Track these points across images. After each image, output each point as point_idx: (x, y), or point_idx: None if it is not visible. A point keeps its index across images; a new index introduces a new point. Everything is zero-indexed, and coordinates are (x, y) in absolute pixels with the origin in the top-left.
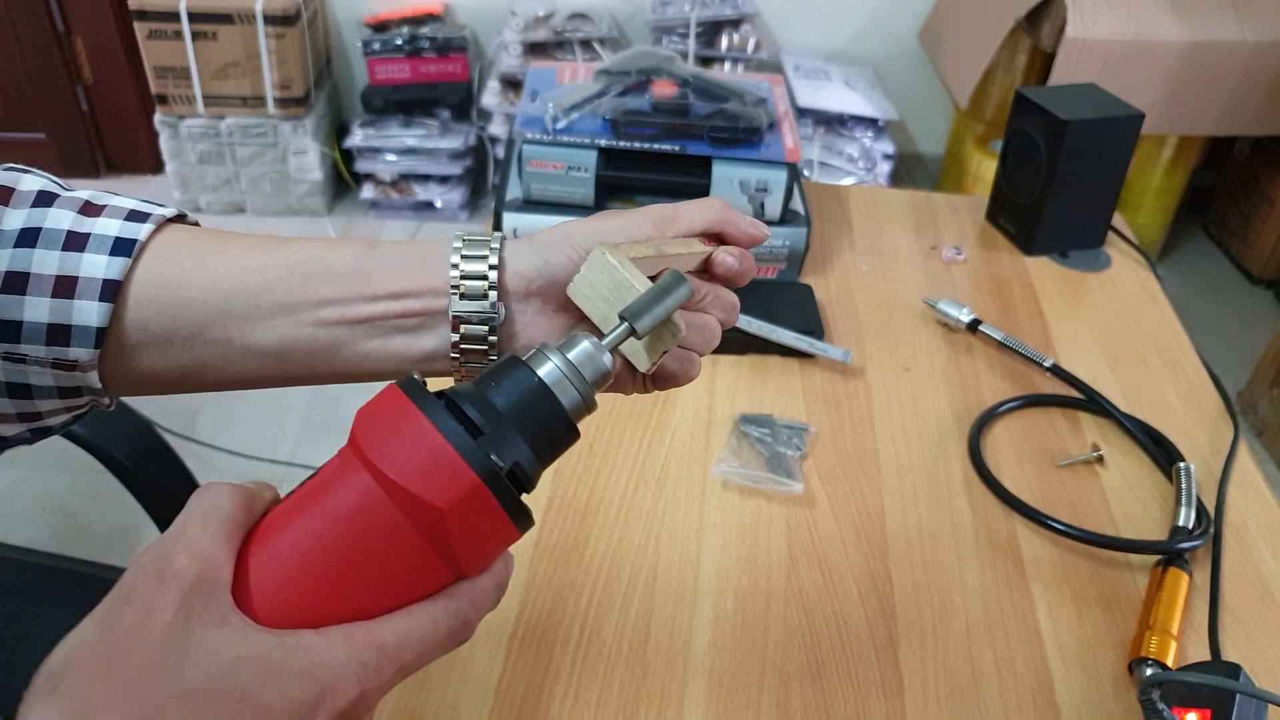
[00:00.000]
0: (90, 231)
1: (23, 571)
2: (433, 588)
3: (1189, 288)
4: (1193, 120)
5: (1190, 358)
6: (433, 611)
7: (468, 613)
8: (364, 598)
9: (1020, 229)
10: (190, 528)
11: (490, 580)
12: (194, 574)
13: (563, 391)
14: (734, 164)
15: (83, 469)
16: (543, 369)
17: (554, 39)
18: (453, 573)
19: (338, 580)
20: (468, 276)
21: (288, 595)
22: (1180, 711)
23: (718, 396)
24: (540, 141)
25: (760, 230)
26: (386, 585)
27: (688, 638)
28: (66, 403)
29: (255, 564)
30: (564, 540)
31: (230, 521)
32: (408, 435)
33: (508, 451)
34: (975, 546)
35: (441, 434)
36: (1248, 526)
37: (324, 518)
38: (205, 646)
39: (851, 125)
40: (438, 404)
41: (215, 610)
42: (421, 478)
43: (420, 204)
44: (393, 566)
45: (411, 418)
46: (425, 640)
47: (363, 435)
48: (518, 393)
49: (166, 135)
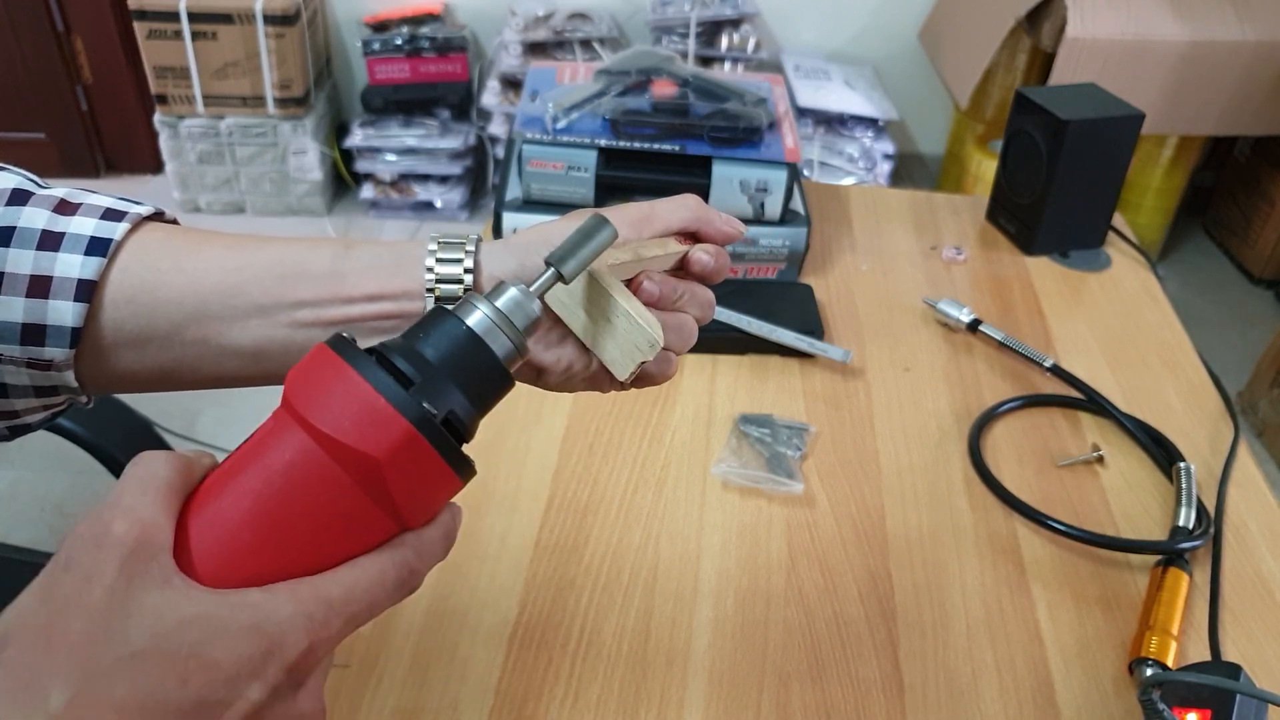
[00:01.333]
0: (65, 231)
1: (22, 571)
2: (377, 540)
3: (1189, 288)
4: (1193, 120)
5: (1190, 358)
6: (379, 562)
7: (414, 562)
8: (308, 554)
9: (1020, 229)
10: (127, 495)
11: (436, 530)
12: (133, 538)
13: (493, 339)
14: (734, 164)
15: (82, 469)
16: (471, 318)
17: (554, 39)
18: (397, 524)
19: (280, 537)
20: (443, 280)
21: (230, 555)
22: (1180, 712)
23: (718, 396)
24: (540, 141)
25: (736, 227)
26: (329, 540)
27: (688, 638)
28: (43, 401)
29: (195, 526)
30: (564, 540)
31: (167, 486)
32: (339, 389)
33: (441, 400)
34: (975, 546)
35: (372, 385)
36: (1248, 526)
37: (262, 476)
38: (148, 608)
39: (851, 125)
40: (367, 358)
41: (156, 573)
42: (355, 429)
43: (420, 204)
44: (334, 521)
45: (342, 372)
46: (372, 590)
47: (295, 394)
48: (447, 342)
49: (166, 135)
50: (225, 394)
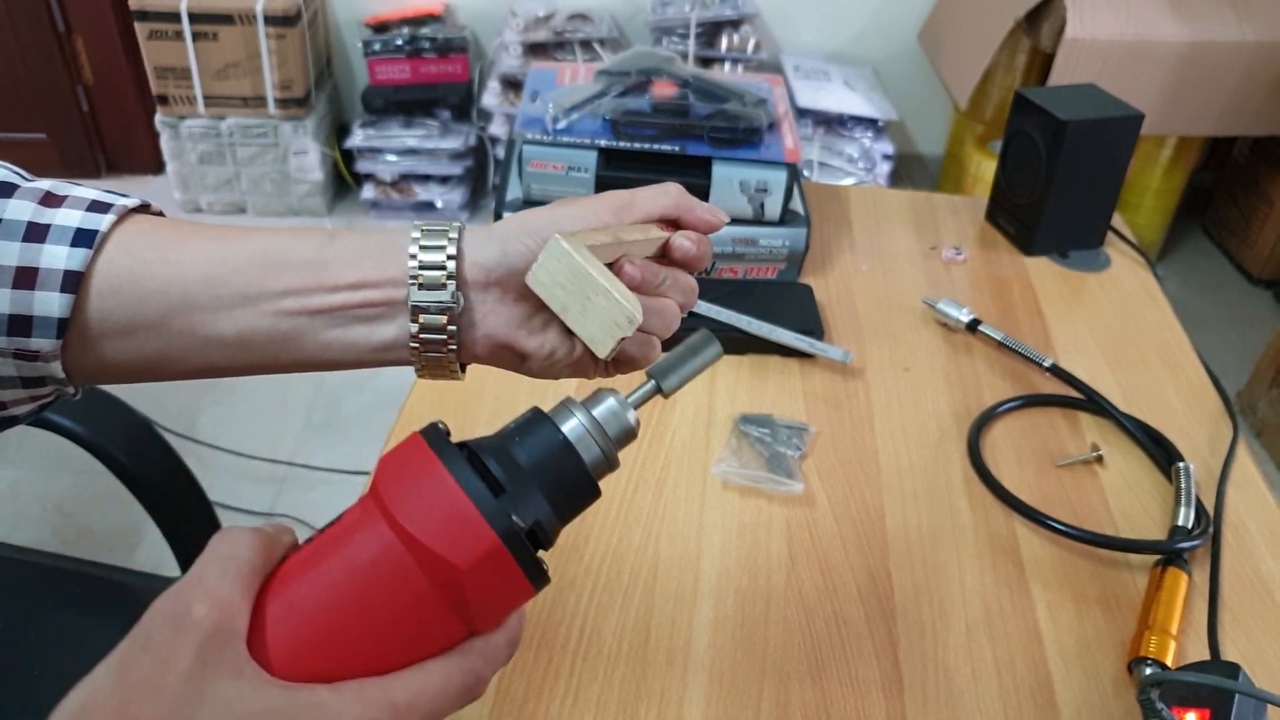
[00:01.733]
0: (51, 223)
1: (24, 571)
2: (446, 643)
3: (1188, 288)
4: (1192, 120)
5: (1189, 358)
6: (446, 668)
7: (480, 669)
8: (378, 652)
9: (1020, 229)
10: (209, 575)
11: (503, 636)
12: (211, 623)
13: (586, 449)
14: (734, 164)
15: (83, 469)
16: (567, 425)
17: (554, 39)
18: (466, 629)
19: (353, 633)
20: (426, 266)
21: (303, 647)
22: (1179, 711)
23: (718, 396)
24: (540, 142)
25: (718, 216)
26: (401, 640)
27: (688, 637)
28: (30, 392)
29: (272, 614)
30: (564, 540)
31: (248, 568)
32: (430, 489)
33: (528, 510)
34: (975, 546)
35: (463, 490)
36: (1247, 526)
37: (342, 569)
38: (220, 698)
39: (851, 126)
40: (460, 457)
41: (230, 661)
42: (442, 535)
43: (421, 204)
44: (408, 622)
45: (434, 471)
46: (437, 698)
47: (385, 486)
48: (540, 449)
49: (167, 135)
50: (225, 393)
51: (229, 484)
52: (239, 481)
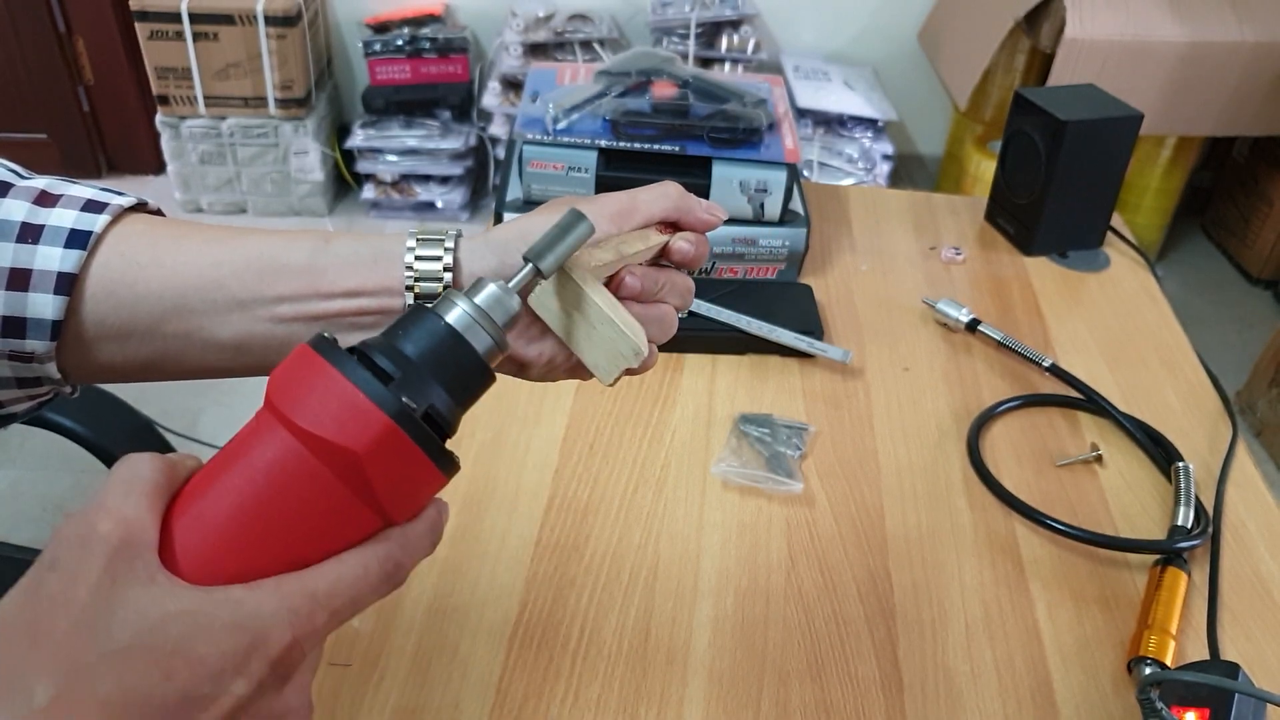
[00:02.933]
0: (45, 223)
1: (24, 571)
2: (362, 535)
3: (1188, 288)
4: (1191, 121)
5: (1189, 358)
6: (363, 557)
7: (399, 556)
8: (292, 550)
9: (1019, 229)
10: (112, 496)
11: (422, 525)
12: (118, 538)
13: (473, 335)
14: (734, 164)
15: (84, 468)
16: (451, 314)
17: (554, 40)
18: (382, 520)
19: (264, 534)
20: (422, 277)
21: (215, 553)
22: (1179, 710)
23: (718, 396)
24: (541, 142)
25: (717, 215)
26: (313, 536)
27: (688, 637)
28: (27, 392)
29: (180, 525)
30: (564, 540)
31: (152, 486)
32: (320, 387)
33: (421, 395)
34: (974, 546)
35: (352, 382)
36: (1246, 526)
37: (245, 474)
38: (132, 605)
39: (851, 126)
40: (348, 356)
41: (141, 571)
42: (335, 425)
43: (421, 204)
44: (318, 517)
45: (322, 370)
46: (357, 585)
47: (276, 393)
48: (427, 339)
49: (168, 136)
50: (227, 393)
51: None
52: None
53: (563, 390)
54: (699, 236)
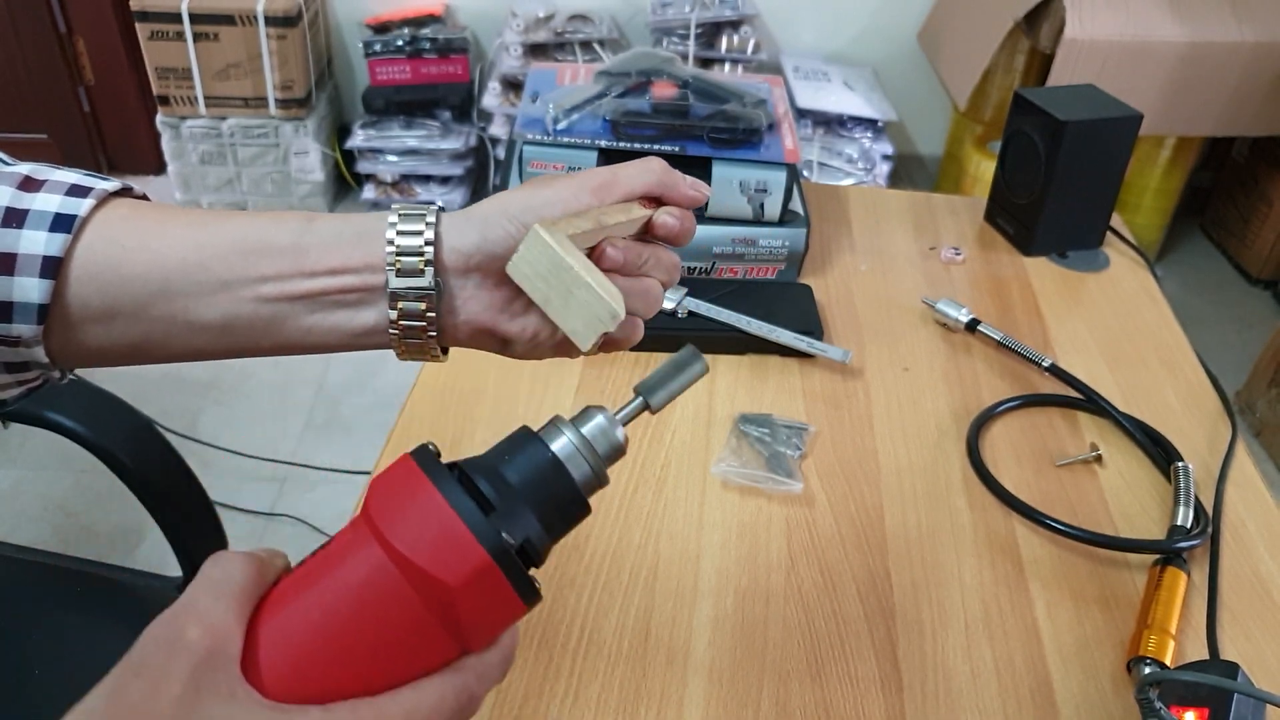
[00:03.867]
0: (29, 208)
1: (25, 571)
2: (439, 663)
3: (1187, 288)
4: (1191, 121)
5: (1188, 358)
6: (440, 687)
7: (474, 687)
8: (371, 672)
9: (1019, 229)
10: (202, 599)
11: (496, 654)
12: (204, 647)
13: (575, 466)
14: (734, 165)
15: (84, 468)
16: (556, 443)
17: (554, 40)
18: (459, 648)
19: (346, 654)
20: (404, 252)
21: (296, 669)
22: (1178, 710)
23: (717, 396)
24: (541, 142)
25: (700, 191)
26: (394, 660)
27: (688, 636)
28: (15, 377)
29: (265, 636)
30: (564, 540)
31: (241, 592)
32: (420, 509)
33: (519, 528)
34: (974, 546)
35: (454, 509)
36: (1246, 526)
37: (334, 590)
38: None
39: (851, 126)
40: (450, 477)
41: (224, 684)
42: (433, 554)
43: (420, 204)
44: (400, 642)
45: (424, 491)
46: (431, 717)
47: (376, 507)
48: (530, 467)
49: (168, 136)
50: (227, 393)
51: (230, 484)
52: (240, 481)
53: (563, 390)
54: (684, 212)
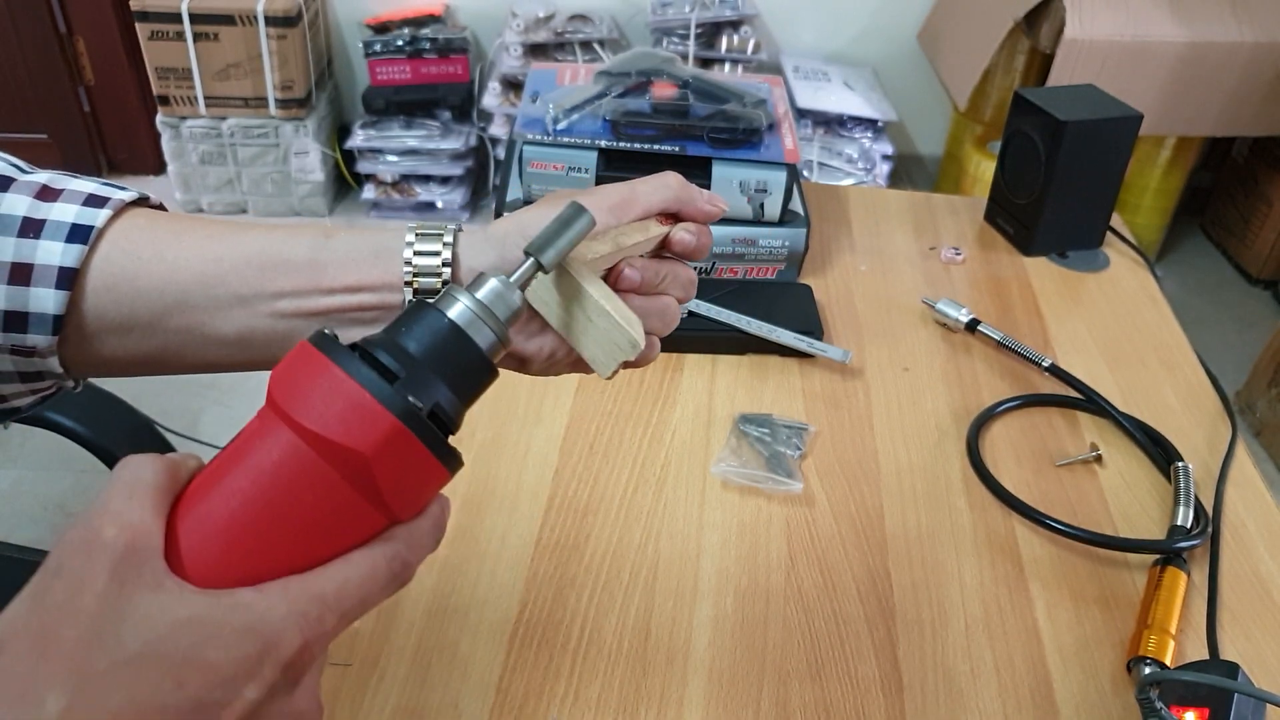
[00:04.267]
0: (46, 218)
1: (24, 571)
2: (368, 535)
3: (1187, 288)
4: (1191, 121)
5: (1188, 358)
6: (370, 557)
7: (405, 555)
8: (298, 551)
9: (1019, 229)
10: (115, 499)
11: (426, 521)
12: (123, 543)
13: (476, 331)
14: (734, 165)
15: (84, 468)
16: (453, 310)
17: (554, 40)
18: (386, 518)
19: (270, 536)
20: (421, 273)
21: (221, 555)
22: (1178, 710)
23: (717, 396)
24: (541, 142)
25: (717, 205)
26: (319, 536)
27: (688, 636)
28: (29, 386)
29: (185, 529)
30: (564, 539)
31: (155, 489)
32: (323, 386)
33: (426, 393)
34: (974, 546)
35: (357, 381)
36: (1246, 526)
37: (249, 476)
38: (141, 612)
39: (851, 126)
40: (350, 354)
41: (149, 576)
42: (341, 425)
43: (421, 204)
44: (323, 517)
45: (325, 369)
46: (365, 585)
47: (279, 391)
48: (430, 336)
49: (168, 136)
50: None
51: None
52: None
53: (563, 390)
54: (701, 227)
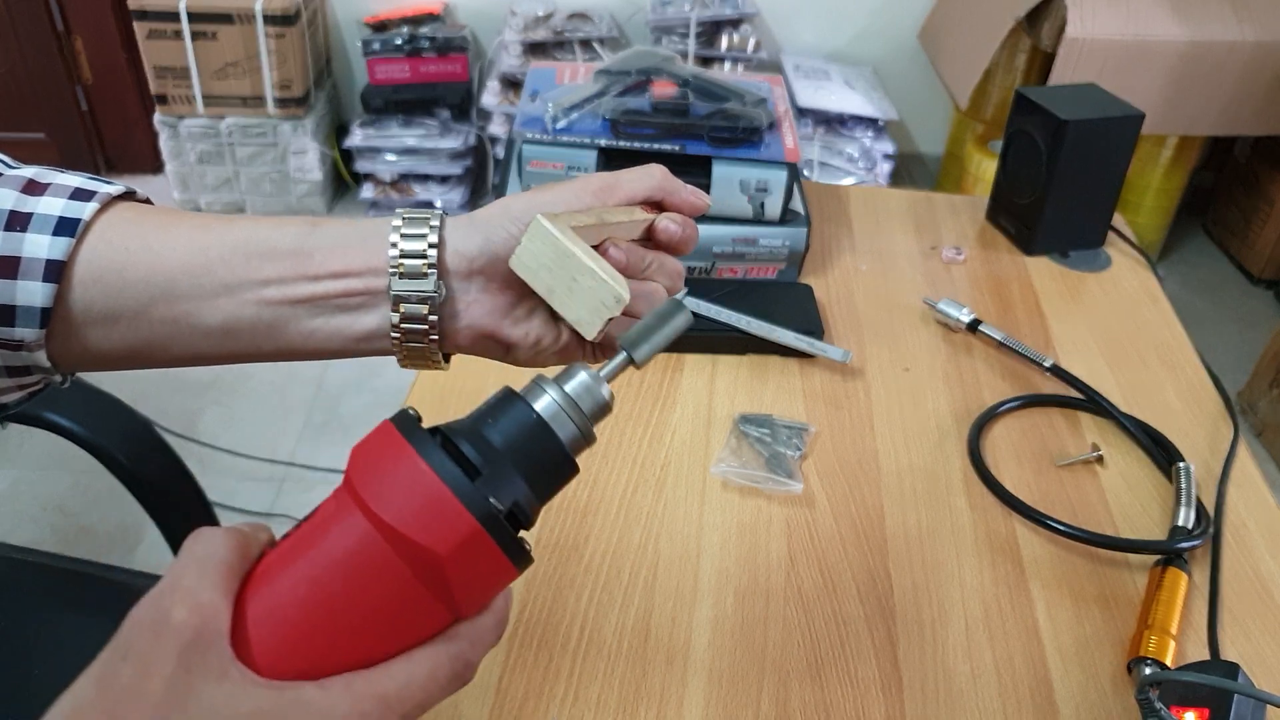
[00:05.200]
0: (33, 211)
1: (23, 571)
2: (432, 631)
3: (1189, 288)
4: (1192, 120)
5: (1190, 358)
6: (433, 656)
7: (468, 654)
8: (363, 644)
9: (1020, 229)
10: (186, 578)
11: (490, 619)
12: (192, 627)
13: (561, 426)
14: (734, 164)
15: (83, 469)
16: (539, 403)
17: (554, 39)
18: (452, 614)
19: (336, 627)
20: (407, 255)
21: (287, 644)
22: (1178, 711)
23: (717, 396)
24: (540, 141)
25: (701, 199)
26: (385, 631)
27: (687, 637)
28: (17, 381)
29: (253, 613)
30: (564, 540)
31: (226, 568)
32: (404, 477)
33: (506, 491)
34: (974, 546)
35: (438, 476)
36: (1247, 526)
37: (321, 563)
38: (206, 702)
39: (851, 125)
40: (433, 443)
41: (215, 663)
42: (419, 523)
43: (420, 204)
44: (391, 612)
45: (407, 458)
46: (426, 686)
47: (358, 477)
48: (515, 429)
49: (166, 135)
50: (226, 393)
51: (229, 484)
52: (239, 481)
53: None
54: (685, 219)
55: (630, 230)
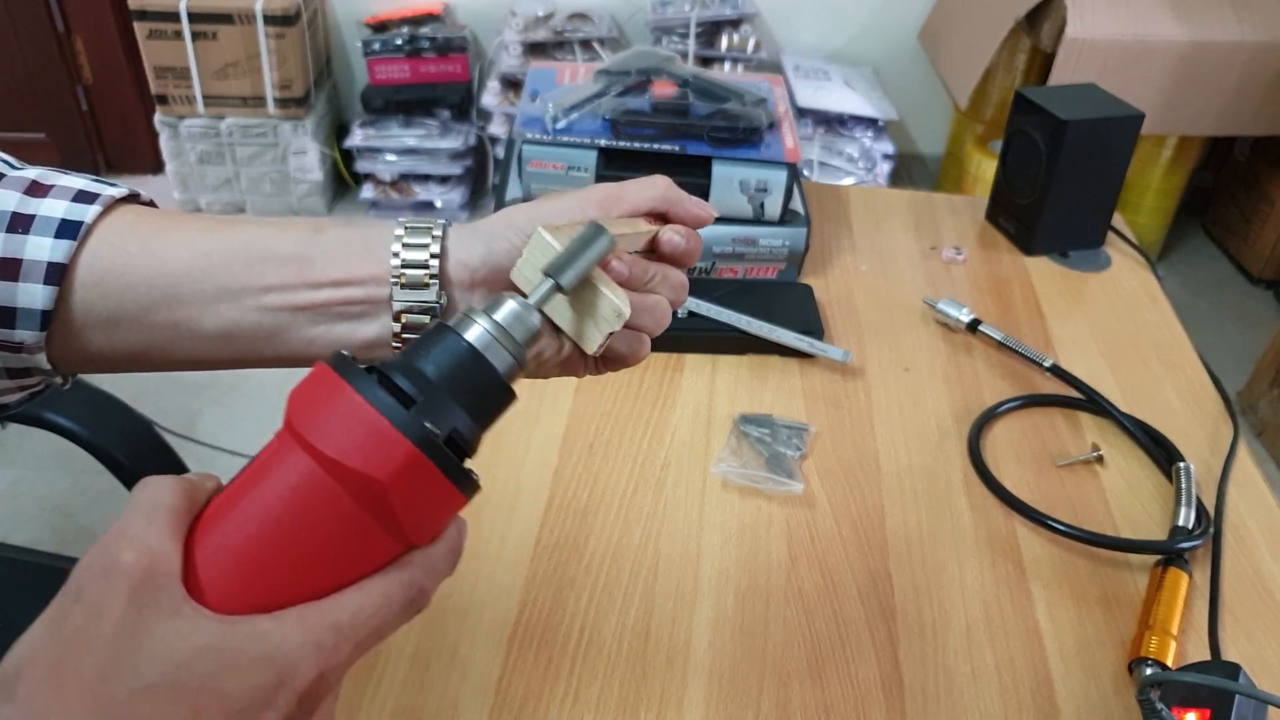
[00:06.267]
0: (36, 213)
1: (23, 571)
2: (383, 561)
3: (1189, 288)
4: (1192, 120)
5: (1190, 358)
6: (385, 584)
7: (422, 581)
8: (314, 577)
9: (1020, 229)
10: (134, 523)
11: (442, 547)
12: (141, 568)
13: (493, 354)
14: (734, 164)
15: (83, 469)
16: (470, 333)
17: (554, 39)
18: (402, 544)
19: (286, 561)
20: (409, 265)
21: (238, 581)
22: (1179, 711)
23: (717, 396)
24: (540, 141)
25: (706, 211)
26: (336, 562)
27: (688, 637)
28: (17, 382)
29: (202, 553)
30: (564, 540)
31: (173, 512)
32: (341, 411)
33: (443, 418)
34: (975, 546)
35: (374, 406)
36: (1247, 526)
37: (266, 501)
38: (159, 640)
39: (851, 125)
40: (368, 378)
41: (166, 602)
42: (358, 452)
43: (420, 204)
44: (340, 543)
45: (343, 393)
46: (380, 614)
47: (297, 415)
48: (448, 359)
49: (166, 135)
50: (226, 393)
51: None
52: None
53: (562, 390)
54: (690, 231)
55: (633, 242)
